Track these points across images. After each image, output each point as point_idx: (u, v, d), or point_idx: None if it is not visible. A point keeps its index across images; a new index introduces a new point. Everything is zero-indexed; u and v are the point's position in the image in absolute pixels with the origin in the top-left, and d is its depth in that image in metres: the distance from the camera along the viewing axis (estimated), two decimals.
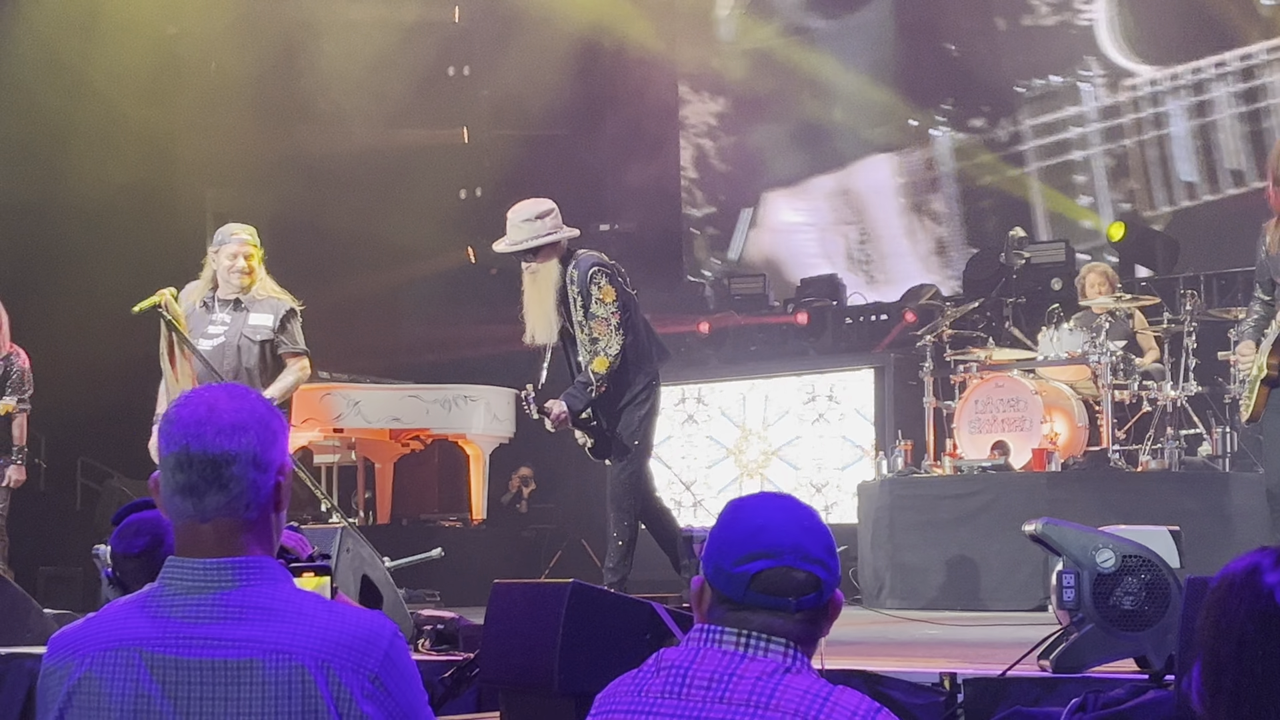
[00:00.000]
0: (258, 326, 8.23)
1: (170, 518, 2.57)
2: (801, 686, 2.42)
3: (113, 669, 2.48)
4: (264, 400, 2.64)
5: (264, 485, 2.55)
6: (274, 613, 2.49)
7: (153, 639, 2.49)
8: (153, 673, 2.47)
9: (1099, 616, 5.04)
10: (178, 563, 2.55)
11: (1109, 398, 10.68)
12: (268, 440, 2.56)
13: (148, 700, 2.46)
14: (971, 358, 11.42)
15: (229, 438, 2.52)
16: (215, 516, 2.53)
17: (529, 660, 5.03)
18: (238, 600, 2.49)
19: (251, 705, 2.44)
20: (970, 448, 11.04)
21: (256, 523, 2.56)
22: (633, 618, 4.94)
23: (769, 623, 2.47)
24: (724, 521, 2.55)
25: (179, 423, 2.54)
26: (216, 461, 2.51)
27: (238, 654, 2.46)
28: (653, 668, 2.52)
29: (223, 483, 2.51)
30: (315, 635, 2.47)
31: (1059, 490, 10.35)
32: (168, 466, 2.54)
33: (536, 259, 8.02)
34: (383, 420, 13.09)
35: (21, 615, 7.63)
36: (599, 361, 7.80)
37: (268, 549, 2.58)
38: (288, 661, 2.44)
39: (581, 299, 7.86)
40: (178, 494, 2.53)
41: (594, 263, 7.95)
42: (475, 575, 10.66)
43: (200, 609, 2.49)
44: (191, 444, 2.51)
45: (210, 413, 2.53)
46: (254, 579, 2.52)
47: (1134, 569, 5.07)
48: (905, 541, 10.88)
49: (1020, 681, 4.90)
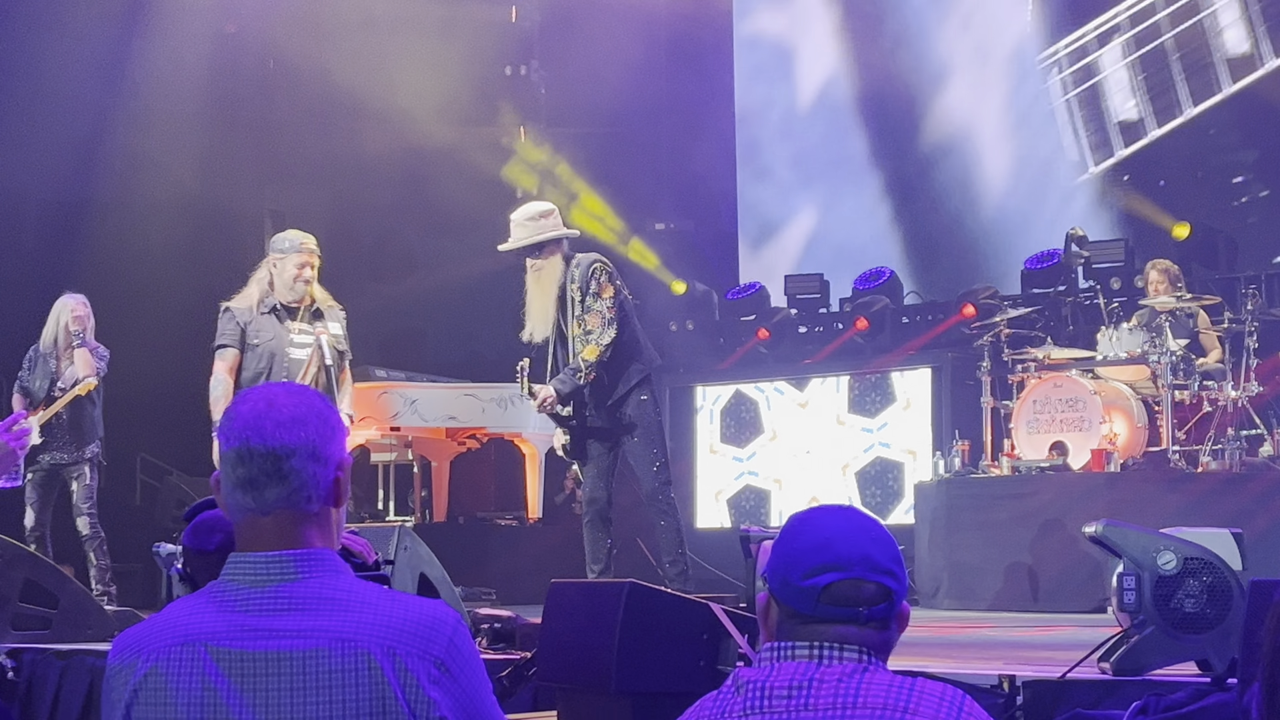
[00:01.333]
0: (337, 335, 8.30)
1: (230, 514, 2.59)
2: (884, 681, 2.41)
3: (179, 664, 2.50)
4: (322, 397, 2.66)
5: (323, 478, 2.57)
6: (337, 603, 2.51)
7: (218, 633, 2.50)
8: (219, 666, 2.48)
9: (1160, 619, 5.00)
10: (239, 557, 2.58)
11: (1169, 398, 10.59)
12: (326, 435, 2.57)
13: (214, 694, 2.47)
14: (1029, 357, 11.36)
15: (288, 431, 2.54)
16: (275, 509, 2.54)
17: (586, 659, 5.03)
18: (300, 592, 2.51)
19: (319, 694, 2.46)
20: (1028, 448, 10.98)
21: (317, 515, 2.57)
22: (690, 618, 4.94)
23: (841, 633, 2.46)
24: (788, 535, 2.54)
25: (239, 419, 2.56)
26: (276, 454, 2.53)
27: (303, 644, 2.47)
28: (731, 688, 2.51)
29: (282, 475, 2.53)
30: (380, 623, 2.48)
31: (1118, 491, 10.28)
32: (228, 461, 2.56)
33: (540, 256, 8.05)
34: (439, 419, 13.12)
35: (82, 612, 7.70)
36: (589, 349, 7.83)
37: (328, 542, 2.59)
38: (353, 649, 2.46)
39: (580, 295, 7.90)
40: (238, 488, 2.55)
41: (595, 260, 8.06)
42: (531, 574, 10.69)
43: (263, 601, 2.51)
44: (251, 438, 2.53)
45: (269, 408, 2.55)
46: (315, 570, 2.54)
47: (1196, 571, 5.02)
48: (962, 542, 10.83)
49: (1080, 684, 4.87)
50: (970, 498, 10.99)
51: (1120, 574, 5.12)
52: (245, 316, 8.19)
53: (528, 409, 13.17)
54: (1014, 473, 10.91)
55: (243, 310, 8.22)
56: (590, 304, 7.88)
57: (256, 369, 8.11)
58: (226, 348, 8.19)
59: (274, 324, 8.16)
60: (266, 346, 8.10)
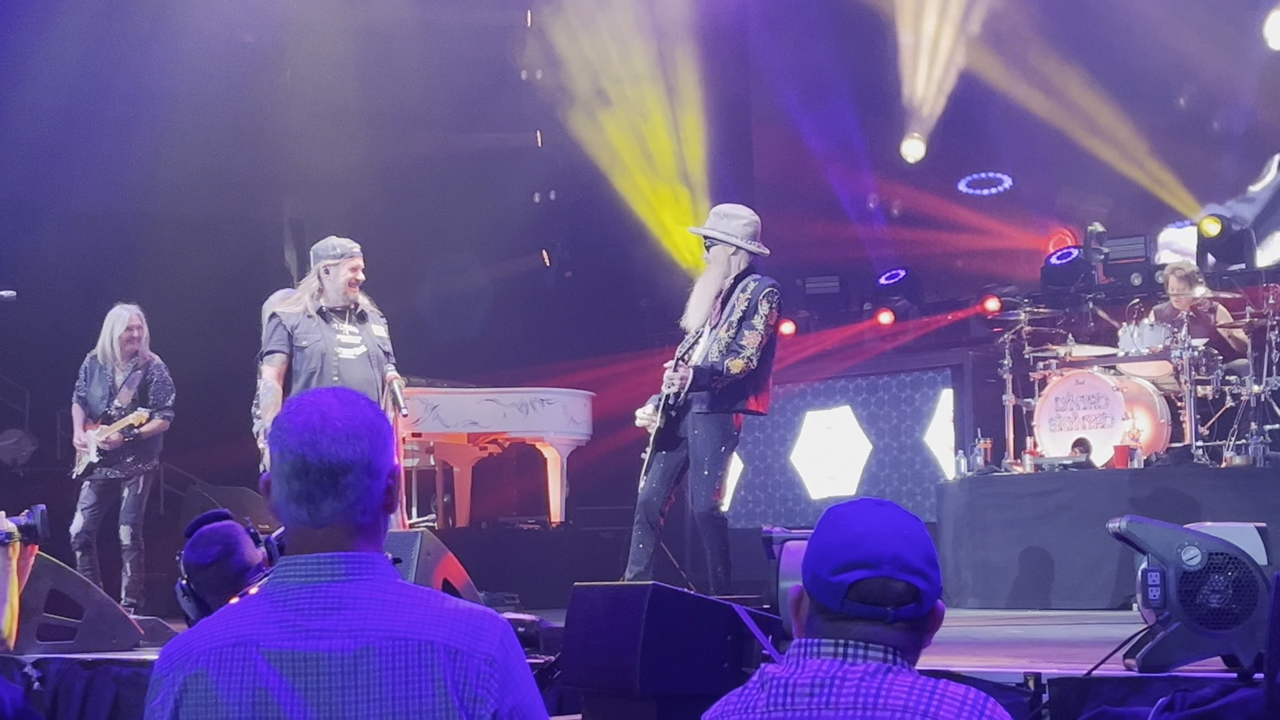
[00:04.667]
0: (382, 337, 8.45)
1: (283, 523, 2.62)
2: (906, 683, 2.39)
3: (229, 665, 2.52)
4: (373, 405, 2.67)
5: (376, 491, 2.60)
6: (387, 603, 2.53)
7: (268, 633, 2.52)
8: (271, 666, 2.50)
9: (1186, 615, 4.98)
10: (290, 559, 2.60)
11: (1192, 393, 10.57)
12: (379, 447, 2.60)
13: (265, 694, 2.49)
14: (1051, 354, 11.34)
15: (344, 446, 2.56)
16: (329, 523, 2.57)
17: (610, 663, 5.02)
18: (350, 592, 2.54)
19: (370, 692, 2.47)
20: (1051, 445, 10.96)
21: (368, 527, 2.60)
22: (713, 620, 4.93)
23: (867, 632, 2.44)
24: (823, 529, 2.52)
25: (293, 431, 2.57)
26: (333, 470, 2.55)
27: (353, 643, 2.49)
28: (757, 684, 2.50)
29: (339, 491, 2.56)
30: (429, 622, 2.51)
31: (1141, 487, 10.25)
32: (282, 474, 2.58)
33: (710, 252, 8.08)
34: (460, 424, 13.13)
35: (107, 622, 7.71)
36: (736, 362, 7.82)
37: (377, 548, 2.62)
38: (405, 647, 2.48)
39: (747, 308, 7.89)
40: (293, 501, 2.58)
41: (773, 284, 8.04)
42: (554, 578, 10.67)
43: (313, 601, 2.54)
44: (308, 454, 2.55)
45: (324, 421, 2.57)
46: (365, 572, 2.56)
47: (1221, 567, 5.00)
48: (986, 540, 10.81)
49: (1106, 681, 4.85)
50: (994, 496, 10.97)
51: (1145, 570, 5.10)
52: (293, 321, 8.31)
53: (548, 413, 13.23)
54: (1037, 470, 10.88)
55: (290, 315, 8.34)
56: (754, 322, 7.87)
57: (309, 369, 8.23)
58: (275, 353, 8.31)
59: (321, 326, 8.29)
60: (315, 348, 8.23)
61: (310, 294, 8.36)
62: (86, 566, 9.57)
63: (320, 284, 8.33)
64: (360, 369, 8.26)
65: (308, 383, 8.18)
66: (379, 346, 8.39)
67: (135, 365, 9.95)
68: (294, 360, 8.28)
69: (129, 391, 9.90)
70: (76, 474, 9.93)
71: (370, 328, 8.42)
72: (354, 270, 8.33)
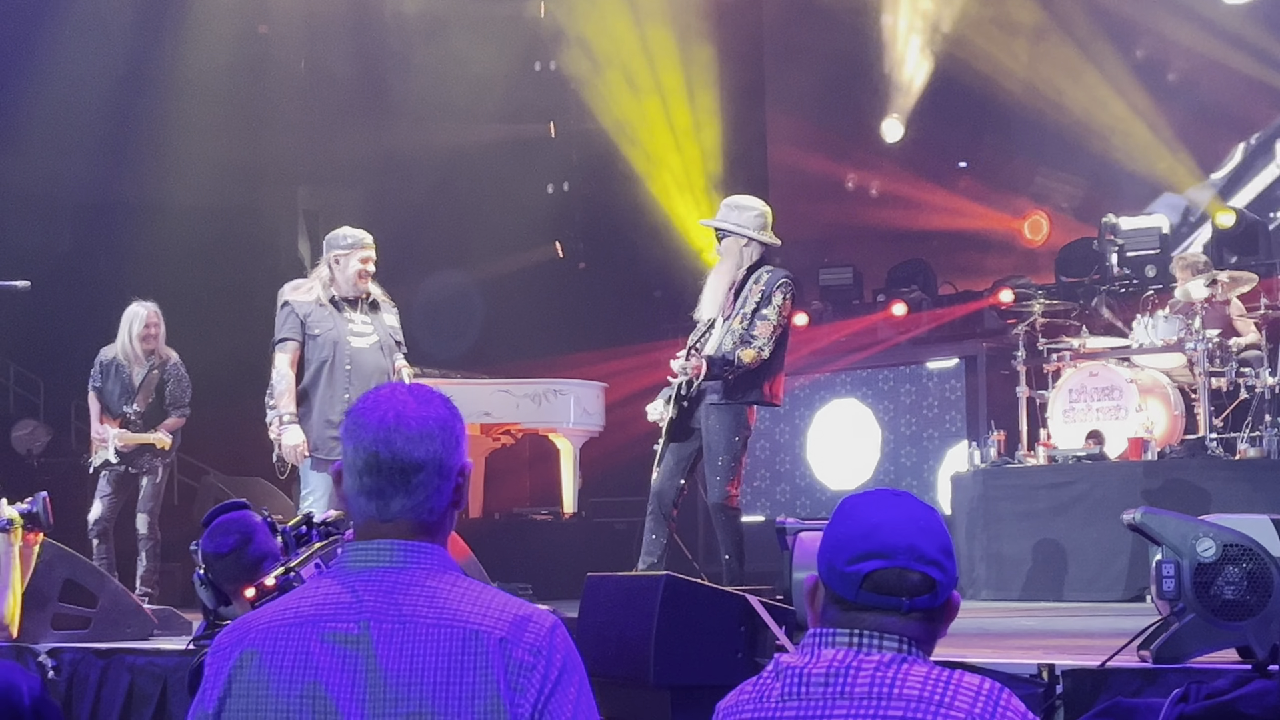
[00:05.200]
0: (394, 326, 8.48)
1: (352, 514, 2.67)
2: (921, 673, 2.39)
3: (282, 645, 2.56)
4: (447, 403, 2.71)
5: (445, 490, 2.66)
6: (437, 591, 2.57)
7: (323, 615, 2.57)
8: (325, 646, 2.54)
9: (1200, 606, 4.97)
10: (354, 545, 2.65)
11: (1206, 385, 10.54)
12: (451, 446, 2.66)
13: (316, 673, 2.53)
14: (1065, 346, 11.32)
15: (418, 446, 2.62)
16: (397, 519, 2.63)
17: (624, 653, 5.03)
18: (405, 579, 2.58)
19: (416, 676, 2.51)
20: (1064, 437, 10.94)
21: (434, 524, 2.66)
22: (727, 610, 4.94)
23: (881, 622, 2.44)
24: (838, 519, 2.52)
25: (368, 428, 2.63)
26: (405, 470, 2.61)
27: (403, 628, 2.53)
28: (771, 673, 2.50)
29: (409, 489, 2.62)
30: (479, 612, 2.55)
31: (1155, 479, 10.24)
32: (355, 469, 2.63)
33: (722, 244, 8.08)
34: (473, 415, 13.12)
35: (122, 612, 7.72)
36: (749, 352, 7.81)
37: (442, 542, 2.67)
38: (451, 634, 2.52)
39: (760, 299, 7.88)
40: (363, 495, 2.63)
41: (787, 276, 8.05)
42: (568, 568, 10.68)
43: (369, 585, 2.58)
44: (381, 451, 2.61)
45: (399, 419, 2.62)
46: (422, 561, 2.61)
47: (1235, 558, 4.99)
48: (999, 532, 10.80)
49: (1120, 672, 4.84)
50: (1007, 488, 10.96)
51: (1159, 561, 5.09)
52: (305, 309, 8.32)
53: (561, 404, 13.23)
54: (1050, 462, 10.87)
55: (303, 304, 8.34)
56: (767, 313, 7.86)
57: (320, 358, 8.24)
58: (288, 341, 8.31)
59: (333, 315, 8.30)
60: (328, 336, 8.25)
61: (322, 283, 8.37)
62: (103, 555, 9.59)
63: (331, 273, 8.35)
64: (372, 358, 8.29)
65: (319, 371, 8.21)
66: (390, 336, 8.41)
67: (152, 364, 9.96)
68: (306, 348, 8.28)
69: (146, 393, 9.92)
70: (93, 467, 9.95)
71: (382, 317, 8.43)
72: (364, 261, 8.33)
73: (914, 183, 15.96)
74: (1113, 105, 14.60)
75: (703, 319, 8.11)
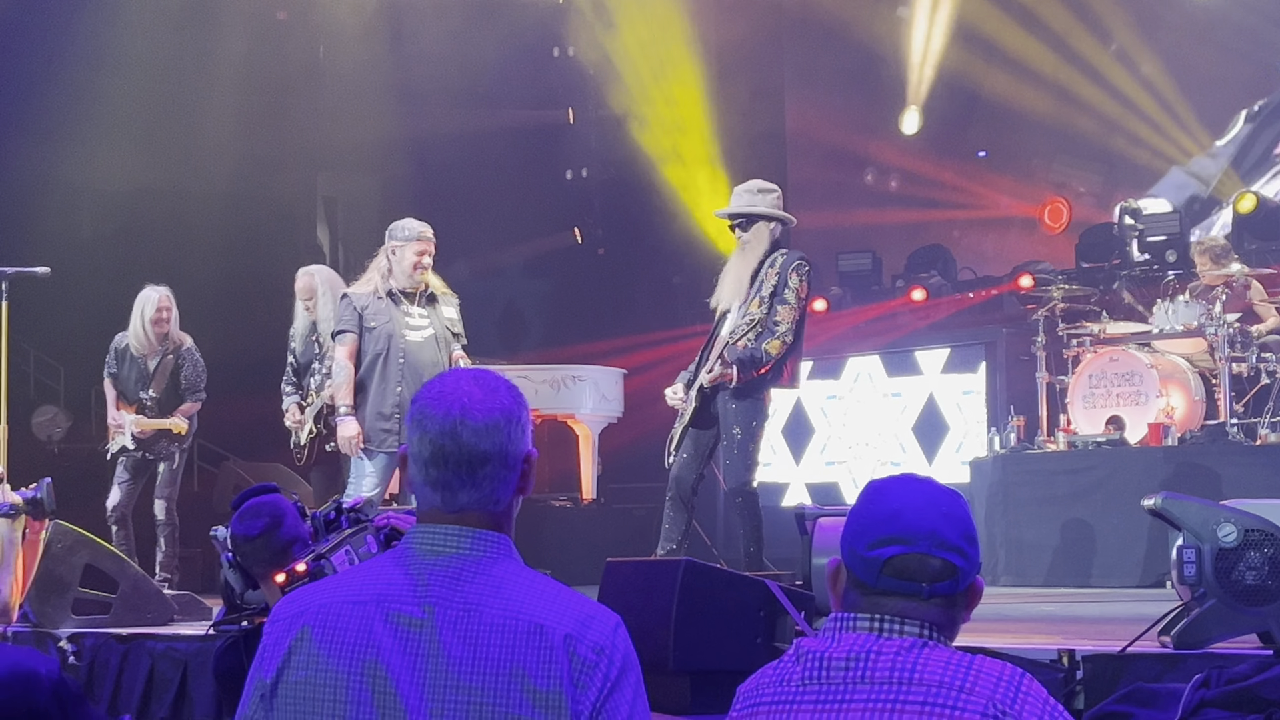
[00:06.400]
0: (451, 319, 8.56)
1: (417, 501, 2.67)
2: (942, 658, 2.39)
3: (344, 622, 2.57)
4: (512, 390, 2.70)
5: (511, 480, 2.65)
6: (504, 581, 2.57)
7: (388, 596, 2.57)
8: (387, 627, 2.54)
9: (1221, 592, 4.96)
10: (421, 528, 2.64)
11: (1226, 370, 10.51)
12: (517, 436, 2.65)
13: (376, 652, 2.53)
14: (1085, 332, 11.29)
15: (484, 438, 2.61)
16: (463, 510, 2.62)
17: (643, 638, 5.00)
18: (471, 567, 2.58)
19: (477, 665, 2.50)
20: (1084, 423, 10.92)
21: (500, 514, 2.65)
22: (746, 595, 4.93)
23: (902, 607, 2.44)
24: (861, 503, 2.52)
25: (433, 420, 2.62)
26: (472, 463, 2.60)
27: (467, 616, 2.53)
28: (793, 657, 2.50)
29: (476, 482, 2.61)
30: (544, 605, 2.55)
31: (1176, 465, 10.21)
32: (421, 459, 2.62)
33: (749, 230, 8.05)
34: None
35: (142, 597, 7.74)
36: (773, 343, 7.81)
37: (508, 530, 2.67)
38: (515, 625, 2.52)
39: (777, 284, 7.88)
40: (428, 485, 2.63)
41: (801, 257, 8.06)
42: (587, 554, 10.69)
43: (434, 570, 2.58)
44: (448, 444, 2.60)
45: (464, 411, 2.61)
46: (490, 550, 2.61)
47: (1257, 543, 4.97)
48: (1019, 517, 10.79)
49: (1141, 658, 4.84)
50: (1027, 473, 10.95)
51: (1180, 547, 5.07)
52: (363, 302, 8.42)
53: (580, 390, 13.23)
54: (1070, 448, 10.84)
55: (361, 296, 8.45)
56: (786, 296, 7.85)
57: (375, 350, 8.34)
58: (346, 333, 8.43)
59: (390, 308, 8.39)
60: (383, 329, 8.34)
61: (380, 274, 8.47)
62: (122, 541, 9.61)
63: (389, 264, 8.43)
64: (428, 351, 8.37)
65: (374, 364, 8.30)
66: (447, 329, 8.48)
67: (166, 349, 9.95)
68: (363, 341, 8.39)
69: (161, 379, 9.91)
70: (111, 453, 9.97)
71: (440, 310, 8.51)
72: (419, 254, 8.40)
73: (934, 171, 15.95)
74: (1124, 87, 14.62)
75: (721, 307, 8.10)
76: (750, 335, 7.86)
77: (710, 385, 7.88)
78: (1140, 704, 4.57)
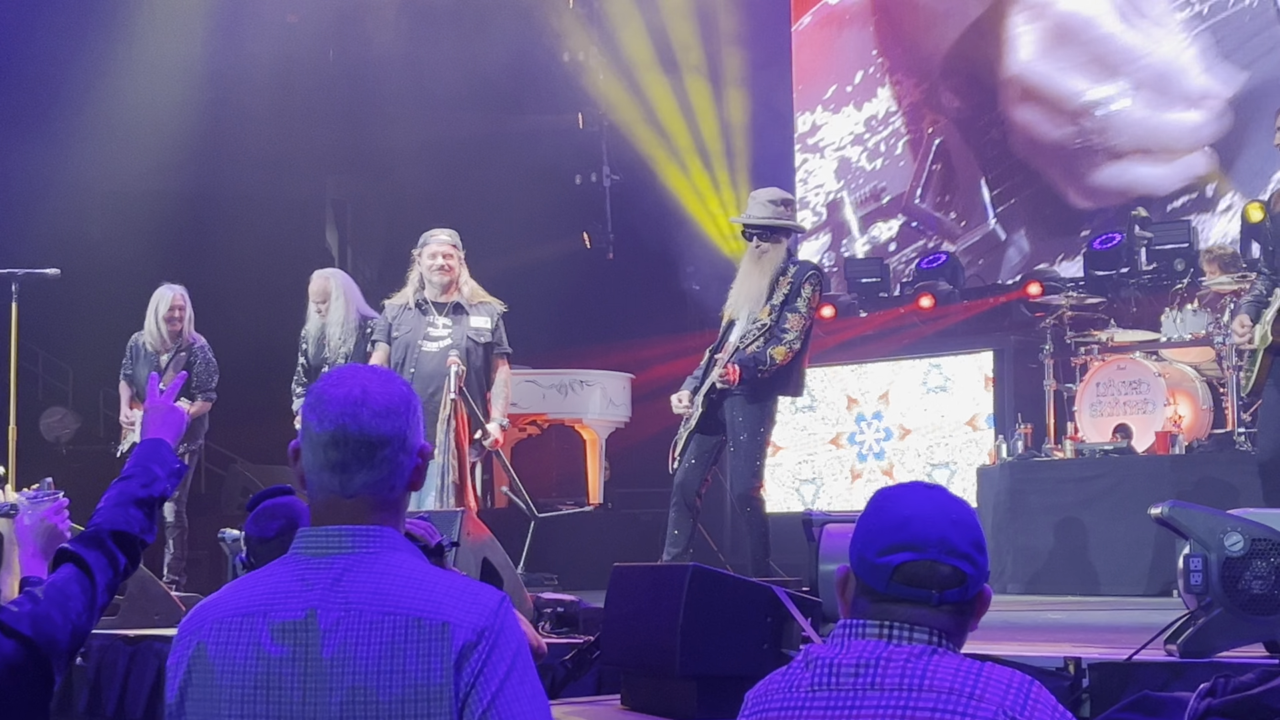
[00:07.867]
0: (480, 329, 8.66)
1: (311, 492, 2.66)
2: (952, 665, 2.40)
3: (235, 635, 2.57)
4: (406, 384, 2.72)
5: (407, 467, 2.65)
6: (383, 576, 2.56)
7: (274, 604, 2.57)
8: (274, 636, 2.54)
9: (1228, 600, 4.96)
10: (306, 531, 2.65)
11: (1234, 379, 10.51)
12: (414, 424, 2.67)
13: (268, 662, 2.53)
14: (1093, 340, 11.29)
15: (384, 421, 2.62)
16: (359, 494, 2.62)
17: (650, 643, 5.03)
18: (353, 565, 2.57)
19: (357, 665, 2.50)
20: (1091, 431, 10.92)
21: (393, 502, 2.65)
22: (753, 601, 4.93)
23: (912, 614, 2.45)
24: (871, 510, 2.53)
25: (333, 402, 2.62)
26: (372, 443, 2.61)
27: (346, 616, 2.53)
28: (801, 663, 2.50)
29: (374, 464, 2.61)
30: (421, 597, 2.53)
31: (1183, 473, 10.20)
32: (319, 443, 2.62)
33: (769, 240, 8.08)
34: None
35: (150, 599, 7.76)
36: (779, 349, 7.83)
37: (396, 524, 2.66)
38: (393, 622, 2.51)
39: (789, 292, 7.91)
40: (326, 469, 2.62)
41: (814, 267, 8.19)
42: (594, 559, 10.70)
43: (318, 573, 2.57)
44: (349, 424, 2.60)
45: (364, 395, 2.62)
46: (372, 545, 2.60)
47: (1264, 552, 4.97)
48: (1026, 525, 10.78)
49: (1147, 666, 4.84)
50: (1034, 481, 10.94)
51: (1187, 555, 5.08)
52: (394, 312, 8.64)
53: (588, 395, 13.25)
54: (1078, 456, 10.84)
55: (394, 306, 8.67)
56: (797, 305, 7.89)
57: (395, 360, 8.53)
58: (377, 343, 8.68)
59: (416, 318, 8.57)
60: (404, 339, 8.52)
61: (414, 285, 8.65)
62: None
63: (420, 274, 8.59)
64: (435, 362, 8.49)
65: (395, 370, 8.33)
66: (470, 338, 8.57)
67: (179, 347, 9.99)
68: (393, 350, 8.60)
69: (173, 375, 9.94)
70: (121, 452, 10.00)
71: (467, 319, 8.60)
72: (433, 256, 8.57)
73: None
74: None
75: (730, 314, 8.11)
76: (759, 341, 7.87)
77: (720, 384, 7.89)
78: (1146, 712, 4.57)
